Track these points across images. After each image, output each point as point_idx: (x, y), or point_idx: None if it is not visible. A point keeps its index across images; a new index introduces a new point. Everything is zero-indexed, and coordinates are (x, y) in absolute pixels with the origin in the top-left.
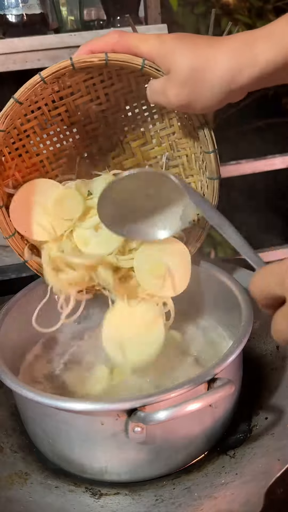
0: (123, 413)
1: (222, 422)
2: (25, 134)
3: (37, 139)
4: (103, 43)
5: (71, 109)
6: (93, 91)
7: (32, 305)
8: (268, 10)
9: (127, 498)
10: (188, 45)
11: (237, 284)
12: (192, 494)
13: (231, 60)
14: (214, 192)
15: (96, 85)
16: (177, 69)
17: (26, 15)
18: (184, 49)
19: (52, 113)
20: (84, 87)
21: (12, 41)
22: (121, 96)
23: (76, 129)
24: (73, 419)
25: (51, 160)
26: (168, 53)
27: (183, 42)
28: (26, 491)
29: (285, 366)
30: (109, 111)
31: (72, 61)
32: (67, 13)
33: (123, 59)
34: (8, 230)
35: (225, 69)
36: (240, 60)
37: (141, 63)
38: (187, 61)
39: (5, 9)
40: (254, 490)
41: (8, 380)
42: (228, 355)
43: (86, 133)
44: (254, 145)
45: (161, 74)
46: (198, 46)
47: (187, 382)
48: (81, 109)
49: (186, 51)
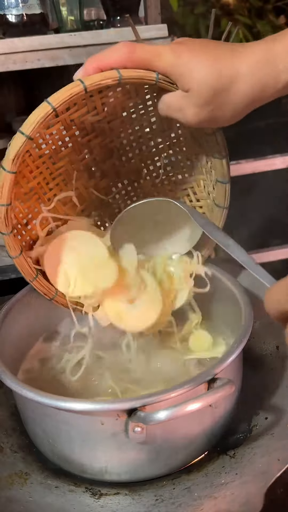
0: (123, 413)
1: (222, 422)
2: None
3: (33, 162)
4: (113, 61)
5: (66, 124)
6: (90, 103)
7: (32, 305)
8: (268, 10)
9: (127, 498)
10: (207, 62)
11: (237, 284)
12: (192, 494)
13: (254, 79)
14: (226, 195)
15: (94, 96)
16: (198, 89)
17: (26, 15)
18: (203, 66)
19: (47, 131)
20: (80, 101)
21: (12, 41)
22: (118, 104)
23: (71, 143)
24: (73, 419)
25: (48, 180)
26: (185, 72)
27: (200, 57)
28: (26, 491)
29: (285, 366)
30: (105, 120)
31: (85, 85)
32: (67, 13)
33: (137, 76)
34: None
35: (249, 89)
36: (263, 80)
37: (155, 78)
38: (208, 81)
39: (5, 9)
40: (254, 490)
41: (8, 380)
42: (228, 355)
43: (81, 145)
44: (254, 145)
45: (175, 88)
46: (219, 62)
47: (187, 382)
48: (76, 122)
49: (205, 69)
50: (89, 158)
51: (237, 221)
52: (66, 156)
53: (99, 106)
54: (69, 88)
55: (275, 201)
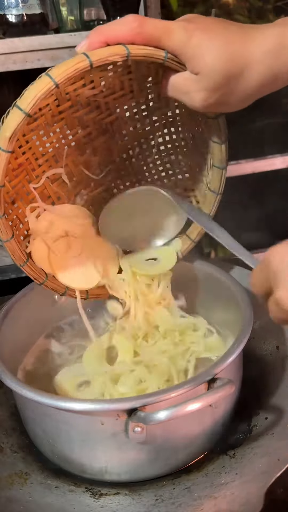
0: (123, 413)
1: (222, 422)
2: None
3: (23, 135)
4: (121, 35)
5: (60, 97)
6: (87, 76)
7: (32, 305)
8: (268, 10)
9: (127, 498)
10: (219, 45)
11: (237, 284)
12: (192, 494)
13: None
14: (222, 180)
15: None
16: (209, 74)
17: (26, 15)
18: (216, 49)
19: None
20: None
21: (12, 41)
22: (116, 79)
23: (63, 117)
24: (73, 419)
25: (37, 156)
26: (196, 54)
27: (213, 39)
28: (26, 491)
29: (285, 366)
30: (102, 94)
31: (91, 61)
32: (67, 13)
33: (145, 54)
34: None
35: (261, 76)
36: (276, 67)
37: (164, 57)
38: (220, 66)
39: (5, 9)
40: (254, 490)
41: (8, 380)
42: (228, 355)
43: (74, 120)
44: (254, 145)
45: (183, 68)
46: (231, 45)
47: (187, 382)
48: (71, 95)
49: (217, 52)
50: (81, 134)
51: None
52: (57, 131)
53: (97, 80)
54: (74, 62)
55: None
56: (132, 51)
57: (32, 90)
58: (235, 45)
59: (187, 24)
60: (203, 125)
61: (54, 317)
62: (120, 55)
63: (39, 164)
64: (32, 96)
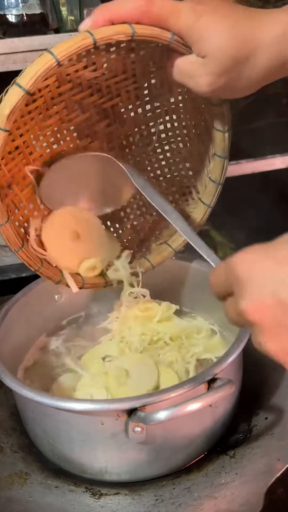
0: (123, 413)
1: (222, 422)
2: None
3: (21, 117)
4: (127, 13)
5: (60, 78)
6: (89, 57)
7: (32, 305)
8: None
9: (127, 498)
10: (227, 27)
11: None
12: (192, 494)
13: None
14: (223, 170)
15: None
16: (216, 57)
17: (26, 15)
18: (224, 33)
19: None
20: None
21: (12, 41)
22: (119, 61)
23: (63, 100)
24: (73, 419)
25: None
26: (204, 37)
27: (221, 22)
28: (26, 491)
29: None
30: (103, 77)
31: (94, 39)
32: (67, 13)
33: (151, 34)
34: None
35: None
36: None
37: (170, 39)
38: (228, 50)
39: (5, 9)
40: (254, 490)
41: (8, 380)
42: (228, 355)
43: (74, 103)
44: (254, 145)
45: (188, 51)
46: (239, 30)
47: (187, 382)
48: (72, 77)
49: (226, 35)
50: (81, 118)
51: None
52: (57, 114)
53: (100, 61)
54: (77, 40)
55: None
56: (138, 30)
57: (33, 67)
58: (243, 29)
59: (195, 5)
60: (206, 113)
61: (54, 317)
62: (125, 34)
63: (37, 147)
64: (33, 73)
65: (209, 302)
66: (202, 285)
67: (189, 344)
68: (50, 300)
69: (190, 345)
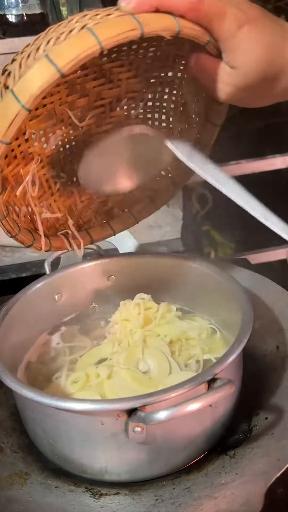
0: (123, 413)
1: (222, 422)
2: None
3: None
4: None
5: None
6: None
7: (32, 305)
8: (268, 10)
9: (127, 498)
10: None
11: (237, 284)
12: (192, 494)
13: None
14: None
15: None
16: (246, 72)
17: (26, 15)
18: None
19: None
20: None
21: (12, 41)
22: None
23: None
24: (73, 419)
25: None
26: (240, 49)
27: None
28: (26, 491)
29: (285, 366)
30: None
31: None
32: (67, 13)
33: (193, 35)
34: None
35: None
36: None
37: (207, 41)
38: (258, 68)
39: (5, 9)
40: (254, 490)
41: (8, 380)
42: (228, 355)
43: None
44: (254, 145)
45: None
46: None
47: (187, 382)
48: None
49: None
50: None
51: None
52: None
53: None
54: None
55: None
56: (183, 30)
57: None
58: (276, 47)
59: (238, 12)
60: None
61: (54, 317)
62: (171, 31)
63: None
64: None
65: (209, 302)
66: (202, 285)
67: (188, 346)
68: (50, 300)
69: (190, 346)
